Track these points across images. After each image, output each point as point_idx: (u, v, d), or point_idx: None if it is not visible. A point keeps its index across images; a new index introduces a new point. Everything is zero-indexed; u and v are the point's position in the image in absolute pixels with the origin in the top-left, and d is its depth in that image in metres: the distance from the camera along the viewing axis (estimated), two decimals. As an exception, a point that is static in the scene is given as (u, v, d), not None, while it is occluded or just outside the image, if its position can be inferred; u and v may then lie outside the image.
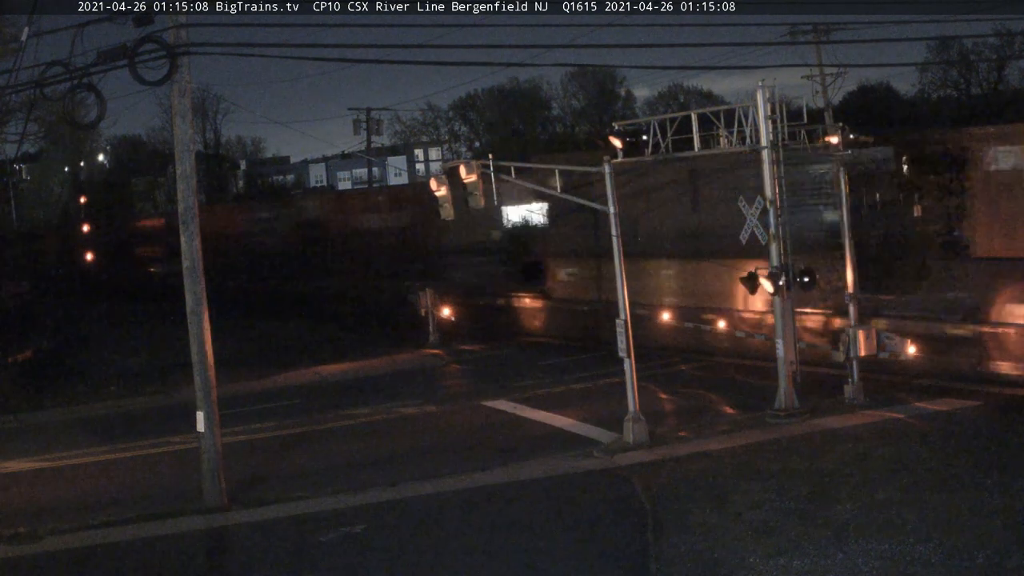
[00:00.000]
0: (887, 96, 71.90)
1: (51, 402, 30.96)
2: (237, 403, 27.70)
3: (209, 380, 18.47)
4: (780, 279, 22.19)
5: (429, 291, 38.28)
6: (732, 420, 22.77)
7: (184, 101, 18.35)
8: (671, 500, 17.17)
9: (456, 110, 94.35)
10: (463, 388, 29.93)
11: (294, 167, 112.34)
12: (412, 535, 16.47)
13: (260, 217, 61.61)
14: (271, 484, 20.10)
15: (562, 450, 21.22)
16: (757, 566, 13.76)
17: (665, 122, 23.49)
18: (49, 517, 18.33)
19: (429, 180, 24.54)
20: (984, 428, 20.33)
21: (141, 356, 39.15)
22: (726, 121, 22.87)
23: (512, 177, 23.05)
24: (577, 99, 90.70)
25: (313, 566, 15.41)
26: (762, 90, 21.93)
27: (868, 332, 23.27)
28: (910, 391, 23.75)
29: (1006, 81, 67.64)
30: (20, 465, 23.18)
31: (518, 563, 14.80)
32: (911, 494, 16.22)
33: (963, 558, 13.44)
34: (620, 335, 21.26)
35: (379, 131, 60.13)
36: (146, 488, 20.49)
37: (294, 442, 23.99)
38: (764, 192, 22.42)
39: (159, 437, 25.02)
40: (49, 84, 17.42)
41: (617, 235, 21.40)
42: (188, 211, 18.40)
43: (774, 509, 16.04)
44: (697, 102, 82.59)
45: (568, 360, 32.56)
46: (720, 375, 28.45)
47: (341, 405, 28.01)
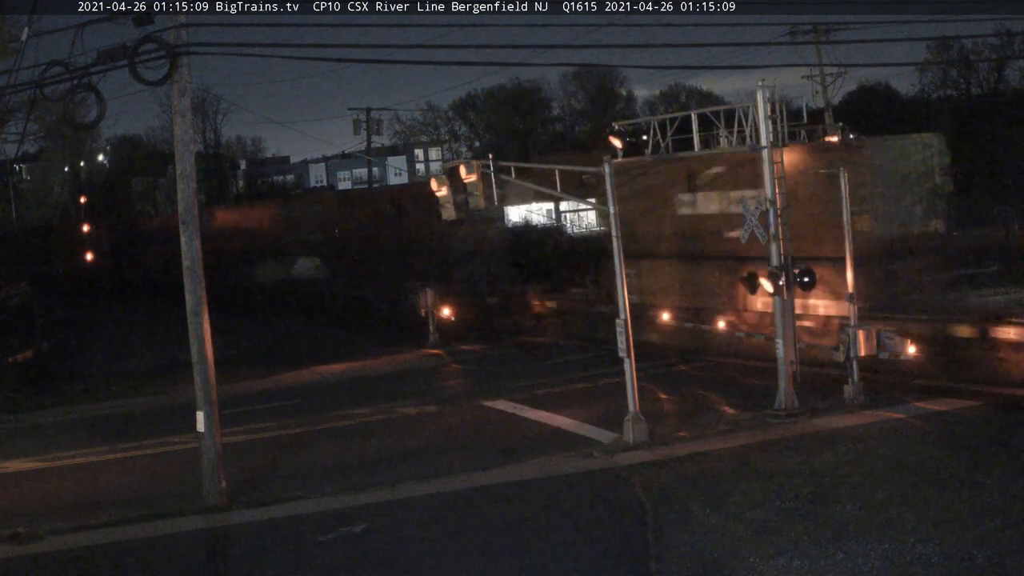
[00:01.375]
0: (887, 96, 71.92)
1: (51, 402, 30.98)
2: (237, 403, 27.70)
3: (209, 380, 18.47)
4: (780, 279, 22.20)
5: (429, 291, 38.29)
6: (732, 420, 22.75)
7: (184, 101, 18.35)
8: (671, 500, 17.16)
9: (456, 110, 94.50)
10: (463, 388, 29.93)
11: (294, 167, 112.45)
12: (412, 535, 16.46)
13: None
14: (271, 484, 20.10)
15: (562, 450, 21.21)
16: (757, 566, 13.76)
17: (665, 122, 23.57)
18: (49, 517, 18.32)
19: (429, 180, 24.56)
20: (984, 428, 20.33)
21: (141, 356, 39.19)
22: (726, 121, 22.94)
23: (512, 177, 23.06)
24: (577, 99, 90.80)
25: (313, 566, 15.40)
26: (762, 90, 21.94)
27: (868, 332, 23.26)
28: (910, 391, 23.74)
29: (1006, 81, 67.65)
30: (20, 465, 23.17)
31: (518, 563, 14.80)
32: (911, 494, 16.22)
33: (963, 558, 13.44)
34: (620, 335, 21.25)
35: (379, 131, 60.20)
36: (146, 488, 20.48)
37: (294, 442, 23.98)
38: (764, 192, 22.43)
39: (159, 437, 25.01)
40: (49, 84, 17.43)
41: (617, 235, 21.39)
42: (188, 211, 18.40)
43: (774, 509, 16.04)
44: (697, 102, 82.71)
45: (568, 360, 32.57)
46: (720, 375, 28.43)
47: (341, 405, 28.01)
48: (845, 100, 67.44)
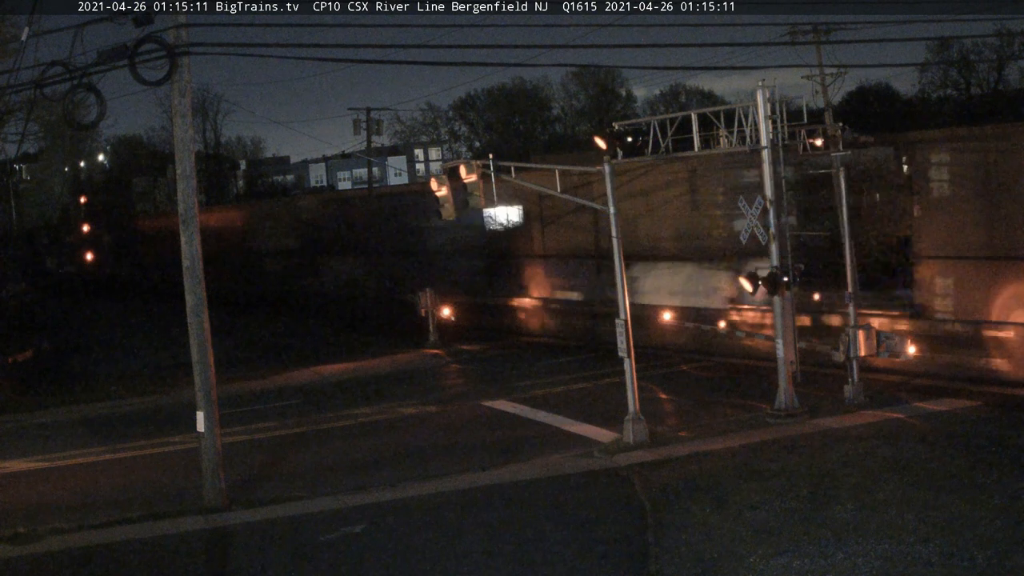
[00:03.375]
0: (887, 96, 71.97)
1: (51, 402, 30.99)
2: (237, 403, 27.73)
3: (209, 380, 18.48)
4: (780, 279, 22.19)
5: (429, 291, 38.29)
6: (732, 420, 22.75)
7: (184, 101, 18.36)
8: (671, 500, 17.16)
9: (456, 110, 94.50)
10: (463, 388, 29.93)
11: (294, 167, 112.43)
12: (412, 535, 16.46)
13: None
14: (271, 484, 20.10)
15: (562, 450, 21.22)
16: (757, 566, 13.76)
17: (665, 122, 23.48)
18: (49, 517, 18.33)
19: (429, 180, 24.54)
20: (984, 428, 20.33)
21: (141, 356, 39.21)
22: (726, 121, 22.88)
23: (512, 177, 23.05)
24: (577, 99, 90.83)
25: (313, 566, 15.40)
26: (762, 90, 21.93)
27: (868, 332, 23.26)
28: (910, 391, 23.75)
29: (1006, 81, 67.75)
30: (20, 465, 23.18)
31: (518, 563, 14.80)
32: (911, 494, 16.22)
33: (963, 558, 13.44)
34: (620, 335, 21.25)
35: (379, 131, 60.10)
36: (146, 488, 20.48)
37: (294, 442, 23.99)
38: (764, 192, 22.42)
39: (159, 437, 25.02)
40: (49, 84, 17.44)
41: (617, 235, 21.39)
42: (188, 211, 18.41)
43: (774, 509, 16.04)
44: (697, 102, 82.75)
45: (568, 360, 32.57)
46: (720, 375, 28.44)
47: (341, 405, 28.01)
48: (845, 100, 67.50)
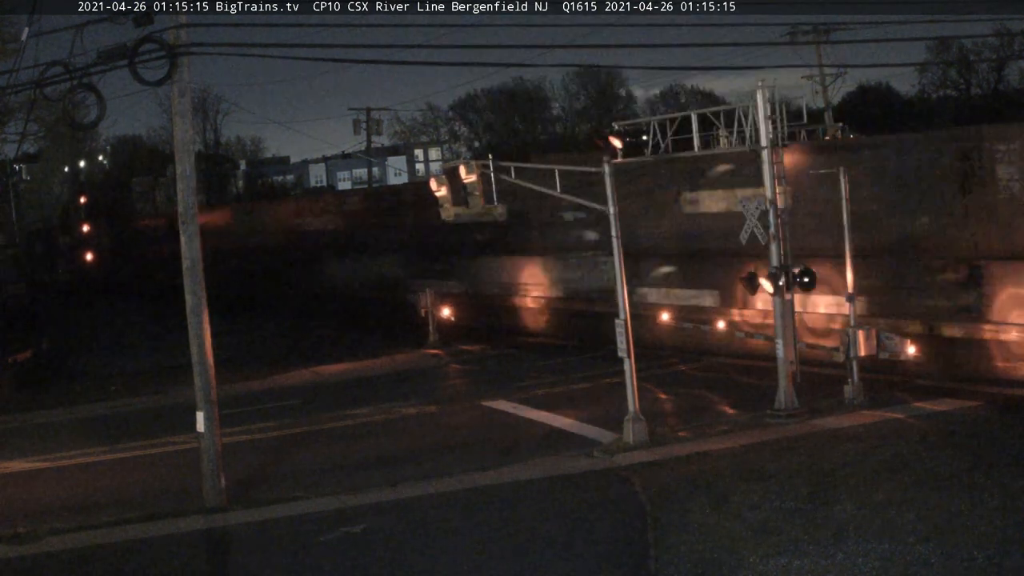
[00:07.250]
0: (887, 96, 72.00)
1: (51, 402, 31.00)
2: (237, 403, 27.71)
3: (209, 380, 18.48)
4: (780, 279, 22.19)
5: (429, 291, 38.29)
6: (732, 420, 22.75)
7: (184, 101, 18.36)
8: (671, 500, 17.15)
9: (456, 110, 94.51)
10: (463, 388, 29.93)
11: (294, 167, 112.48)
12: (412, 535, 16.46)
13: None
14: (271, 484, 20.10)
15: (562, 450, 21.22)
16: (757, 566, 13.76)
17: (665, 122, 23.51)
18: (49, 517, 18.34)
19: (428, 180, 24.56)
20: (984, 428, 20.32)
21: (141, 356, 39.21)
22: (726, 121, 22.91)
23: (512, 177, 23.05)
24: (578, 99, 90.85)
25: (313, 566, 15.40)
26: (762, 90, 21.93)
27: (868, 332, 23.25)
28: (910, 391, 23.75)
29: (1006, 81, 67.76)
30: (20, 465, 23.19)
31: (518, 563, 14.79)
32: (911, 494, 16.22)
33: (963, 558, 13.43)
34: (620, 335, 21.25)
35: (379, 131, 60.20)
36: (146, 488, 20.48)
37: (294, 442, 23.99)
38: (764, 192, 22.42)
39: (159, 437, 25.02)
40: (49, 84, 17.45)
41: (617, 235, 21.39)
42: (188, 211, 18.41)
43: (774, 509, 16.04)
44: (697, 102, 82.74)
45: (568, 360, 32.56)
46: (720, 375, 28.43)
47: (341, 405, 28.00)
48: (845, 100, 67.53)
